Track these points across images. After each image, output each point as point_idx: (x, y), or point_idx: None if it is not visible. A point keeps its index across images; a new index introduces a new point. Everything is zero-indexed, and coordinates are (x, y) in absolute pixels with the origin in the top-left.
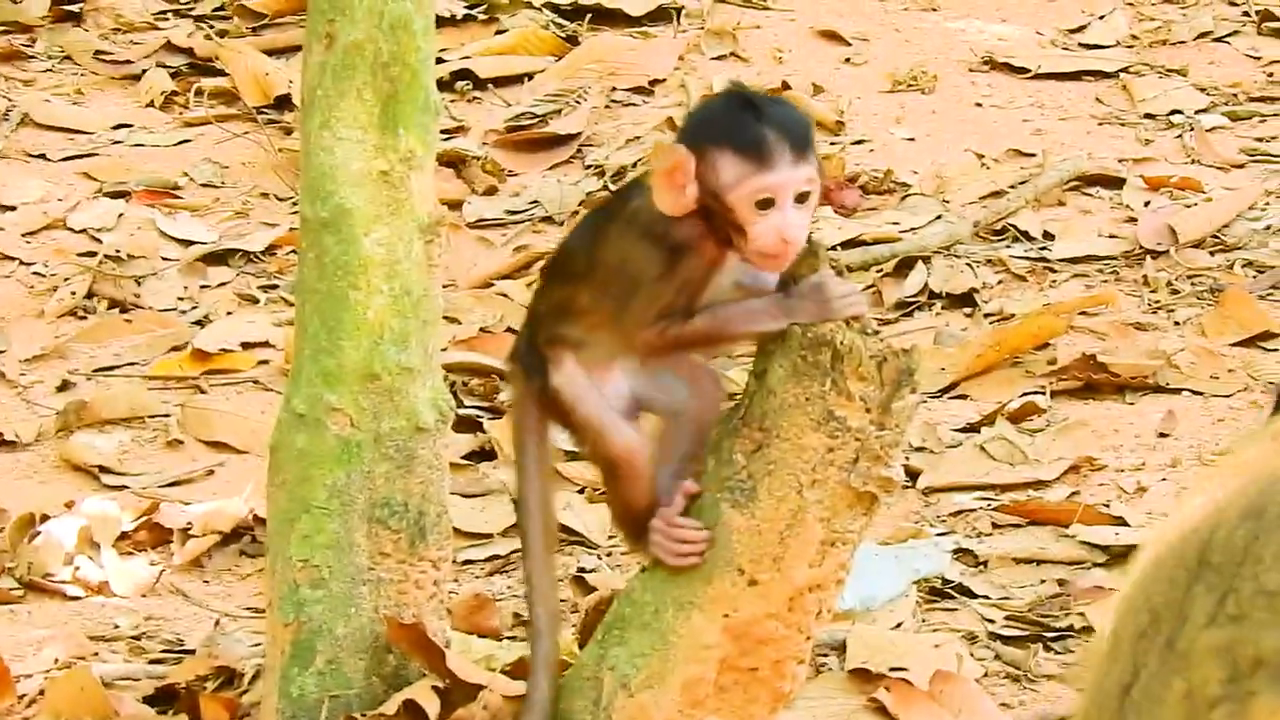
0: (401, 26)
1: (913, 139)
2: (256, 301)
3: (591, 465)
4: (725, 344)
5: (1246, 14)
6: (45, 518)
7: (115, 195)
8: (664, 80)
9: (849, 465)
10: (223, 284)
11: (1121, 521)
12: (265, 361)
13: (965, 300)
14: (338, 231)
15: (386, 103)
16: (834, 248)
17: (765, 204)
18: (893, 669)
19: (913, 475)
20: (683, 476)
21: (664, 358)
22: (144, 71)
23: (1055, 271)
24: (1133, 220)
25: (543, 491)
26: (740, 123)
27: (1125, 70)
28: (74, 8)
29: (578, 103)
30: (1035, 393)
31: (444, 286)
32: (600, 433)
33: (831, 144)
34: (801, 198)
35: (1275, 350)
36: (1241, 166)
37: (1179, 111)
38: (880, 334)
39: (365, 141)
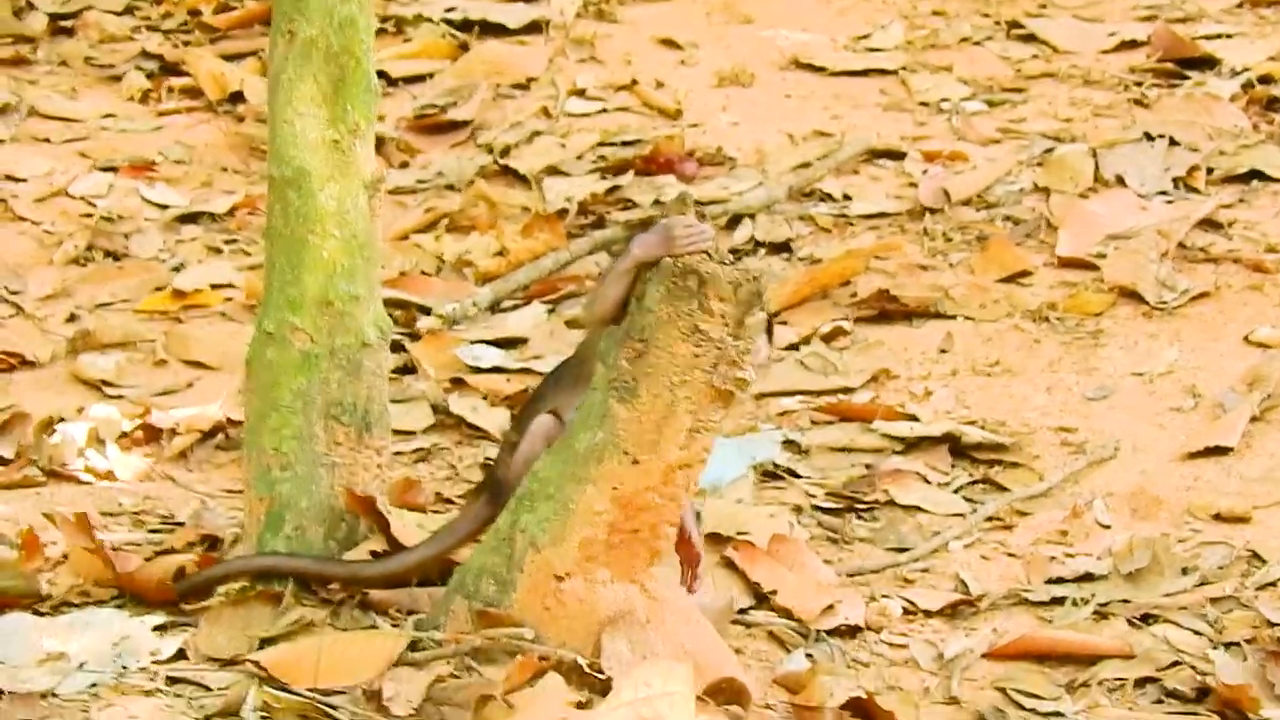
0: (349, 24)
1: (737, 123)
2: (221, 251)
3: None
4: (616, 289)
5: (997, 23)
6: (61, 420)
7: (106, 170)
8: (537, 78)
9: (711, 368)
10: (194, 238)
11: (913, 418)
12: (229, 299)
13: (783, 248)
14: (299, 188)
15: (336, 85)
16: None
17: None
18: (739, 533)
19: None
20: None
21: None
22: (125, 73)
23: (854, 225)
24: (914, 185)
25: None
26: None
27: (903, 69)
28: (68, 24)
29: (470, 96)
30: (841, 319)
31: None
32: None
33: (673, 127)
34: None
35: (1029, 285)
36: (998, 142)
37: (947, 100)
38: (737, 264)
39: (319, 116)
